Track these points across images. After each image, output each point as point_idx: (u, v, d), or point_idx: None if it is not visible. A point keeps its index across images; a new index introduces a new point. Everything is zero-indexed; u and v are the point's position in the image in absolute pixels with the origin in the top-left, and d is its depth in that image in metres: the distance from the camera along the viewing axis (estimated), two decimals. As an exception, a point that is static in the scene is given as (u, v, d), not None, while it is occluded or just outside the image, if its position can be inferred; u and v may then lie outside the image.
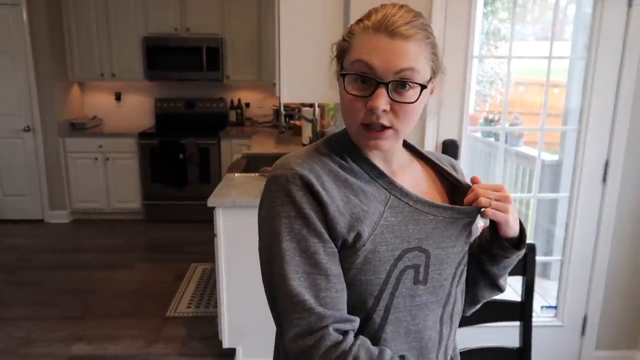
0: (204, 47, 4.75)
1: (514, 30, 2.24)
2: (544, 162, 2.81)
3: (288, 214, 0.80)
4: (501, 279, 1.00)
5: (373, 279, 0.83)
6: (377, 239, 0.83)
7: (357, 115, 0.82)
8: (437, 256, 0.88)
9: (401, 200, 0.88)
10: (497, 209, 0.87)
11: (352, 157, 0.89)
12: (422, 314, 0.88)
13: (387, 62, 0.78)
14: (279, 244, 0.80)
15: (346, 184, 0.85)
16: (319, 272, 0.79)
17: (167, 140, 4.67)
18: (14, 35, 4.43)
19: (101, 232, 4.57)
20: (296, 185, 0.81)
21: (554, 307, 2.42)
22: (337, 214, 0.81)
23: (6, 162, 4.67)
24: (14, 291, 3.37)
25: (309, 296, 0.78)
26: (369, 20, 0.81)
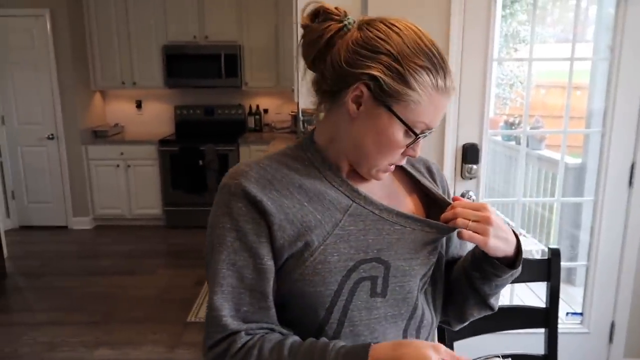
0: (223, 54, 4.80)
1: (534, 32, 2.21)
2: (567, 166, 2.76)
3: (224, 225, 0.80)
4: (492, 298, 0.94)
5: (323, 291, 0.79)
6: (328, 249, 0.80)
7: (393, 157, 0.83)
8: (399, 268, 0.84)
9: (365, 208, 0.84)
10: (475, 231, 0.81)
11: (313, 163, 0.86)
12: (382, 328, 0.84)
13: (437, 122, 0.82)
14: (212, 255, 0.80)
15: (300, 190, 0.82)
16: (244, 287, 0.78)
17: (186, 147, 4.72)
18: (38, 46, 4.54)
19: (123, 238, 4.64)
20: (236, 197, 0.79)
21: (579, 314, 2.36)
22: (284, 222, 0.79)
23: (31, 170, 4.78)
24: (39, 296, 3.44)
25: (228, 311, 0.77)
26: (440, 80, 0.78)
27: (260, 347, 0.76)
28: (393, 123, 0.79)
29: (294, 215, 0.80)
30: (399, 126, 0.79)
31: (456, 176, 2.12)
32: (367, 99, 0.79)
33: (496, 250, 0.84)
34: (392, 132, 0.80)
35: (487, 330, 1.41)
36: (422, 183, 0.95)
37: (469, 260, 0.92)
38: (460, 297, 0.96)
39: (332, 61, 0.81)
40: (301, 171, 0.84)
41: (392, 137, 0.80)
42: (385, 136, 0.80)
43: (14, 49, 4.54)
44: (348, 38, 0.80)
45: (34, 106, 4.66)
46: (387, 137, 0.80)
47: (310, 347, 0.75)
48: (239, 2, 4.78)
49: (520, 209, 2.31)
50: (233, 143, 4.77)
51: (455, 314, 0.99)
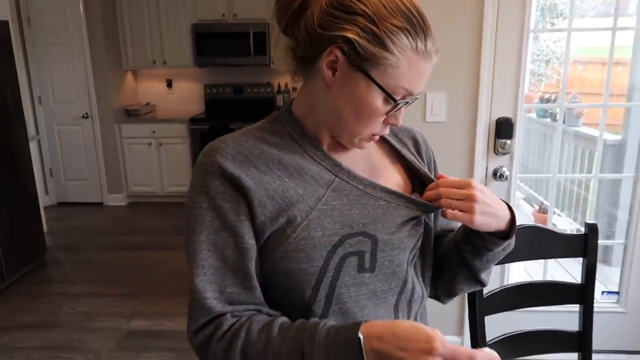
0: (251, 32, 4.78)
1: (574, 4, 2.12)
2: (606, 142, 2.67)
3: (201, 204, 0.76)
4: (483, 272, 0.91)
5: (307, 268, 0.77)
6: (311, 224, 0.77)
7: (374, 126, 0.79)
8: (387, 242, 0.81)
9: (348, 183, 0.82)
10: (459, 209, 0.79)
11: (292, 136, 0.83)
12: (372, 304, 0.82)
13: (421, 88, 0.78)
14: (191, 235, 0.77)
15: (280, 165, 0.79)
16: (226, 267, 0.76)
17: (216, 125, 4.76)
18: (71, 27, 4.62)
19: (156, 215, 4.75)
20: (212, 174, 0.76)
21: (616, 293, 2.31)
22: (265, 198, 0.76)
23: (67, 148, 4.92)
24: (78, 269, 3.57)
25: (212, 293, 0.75)
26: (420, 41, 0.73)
27: (247, 329, 0.74)
28: (371, 89, 0.74)
29: (274, 190, 0.77)
30: (377, 92, 0.75)
31: (489, 151, 2.08)
32: (343, 64, 0.74)
33: (485, 227, 0.81)
34: (371, 98, 0.75)
35: (520, 306, 1.39)
36: (406, 157, 0.92)
37: (460, 233, 0.90)
38: (450, 272, 0.93)
39: (306, 25, 0.75)
40: (280, 146, 0.81)
41: (370, 104, 0.75)
42: (363, 103, 0.76)
43: (49, 30, 4.63)
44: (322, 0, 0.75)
45: (69, 86, 4.77)
46: (365, 105, 0.76)
47: (299, 326, 0.73)
48: (268, -21, 4.74)
49: (555, 187, 2.25)
50: (262, 121, 4.78)
51: (444, 288, 0.97)
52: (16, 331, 2.76)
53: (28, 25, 4.61)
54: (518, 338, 1.39)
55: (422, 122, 2.04)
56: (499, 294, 1.36)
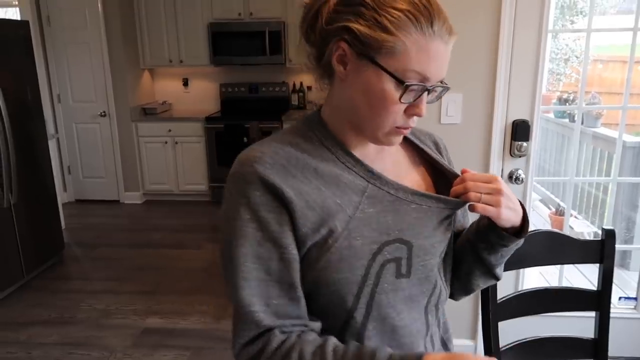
0: (267, 31, 4.79)
1: (594, 2, 2.08)
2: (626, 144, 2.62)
3: (242, 216, 0.75)
4: (498, 267, 0.93)
5: (350, 277, 0.77)
6: (352, 233, 0.77)
7: (394, 118, 0.76)
8: (421, 247, 0.83)
9: (381, 189, 0.81)
10: (487, 203, 0.80)
11: (324, 143, 0.82)
12: (407, 308, 0.83)
13: (439, 72, 0.75)
14: (233, 248, 0.76)
15: (316, 175, 0.78)
16: (272, 279, 0.75)
17: (231, 124, 4.79)
18: (90, 26, 4.68)
19: (171, 213, 4.79)
20: (253, 185, 0.75)
21: (634, 299, 2.27)
22: (305, 210, 0.75)
23: (85, 146, 4.99)
24: (94, 266, 3.62)
25: (259, 306, 0.74)
26: (424, 20, 0.71)
27: (300, 351, 0.73)
28: (380, 76, 0.73)
29: (314, 201, 0.76)
30: (387, 78, 0.73)
31: (505, 154, 2.06)
32: (350, 56, 0.75)
33: (507, 221, 0.83)
34: (381, 86, 0.73)
35: (534, 312, 1.37)
36: (430, 155, 0.93)
37: (473, 231, 0.92)
38: (465, 269, 0.95)
39: (318, 27, 0.77)
40: (313, 153, 0.80)
41: (382, 92, 0.74)
42: (375, 91, 0.74)
43: (68, 29, 4.70)
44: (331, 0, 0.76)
45: (87, 85, 4.84)
46: (377, 93, 0.74)
47: (356, 353, 0.73)
48: (283, -22, 4.74)
49: (572, 189, 2.22)
50: (277, 120, 4.80)
51: (460, 285, 0.98)
52: (34, 327, 2.81)
53: (48, 24, 4.68)
54: (532, 344, 1.37)
55: (437, 123, 2.03)
56: (513, 300, 1.35)
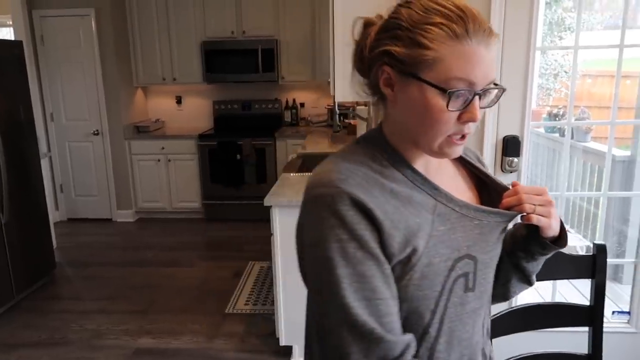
0: (260, 49, 4.83)
1: (580, 19, 2.12)
2: (615, 158, 2.65)
3: (339, 236, 0.74)
4: (534, 274, 0.99)
5: (429, 293, 0.80)
6: (430, 251, 0.79)
7: (446, 127, 0.77)
8: (483, 261, 0.87)
9: (447, 206, 0.83)
10: (540, 214, 0.85)
11: (392, 163, 0.83)
12: (471, 321, 0.87)
13: (485, 75, 0.75)
14: (332, 270, 0.74)
15: (393, 194, 0.79)
16: (379, 297, 0.75)
17: (224, 141, 4.80)
18: (84, 45, 4.71)
19: (164, 231, 4.77)
20: (345, 205, 0.75)
21: (627, 313, 2.27)
22: (392, 229, 0.76)
23: (78, 164, 4.97)
24: (86, 286, 3.58)
25: (375, 324, 0.74)
26: (458, 27, 0.73)
27: None
28: (424, 90, 0.75)
29: (398, 220, 0.77)
30: (430, 90, 0.75)
31: (496, 169, 2.07)
32: (395, 77, 0.78)
33: (554, 231, 0.88)
34: (427, 99, 0.75)
35: (528, 328, 1.37)
36: (479, 169, 0.96)
37: (509, 241, 0.95)
38: (504, 277, 0.98)
39: (364, 57, 0.82)
40: (384, 173, 0.81)
41: (428, 104, 0.75)
42: (422, 105, 0.76)
43: (61, 48, 4.72)
44: (373, 30, 0.81)
45: (80, 103, 4.84)
46: (424, 106, 0.76)
47: None
48: (276, -3, 4.81)
49: (564, 204, 2.23)
50: (270, 137, 4.81)
51: (498, 292, 1.01)
52: (24, 349, 2.77)
53: (42, 43, 4.70)
54: (526, 361, 1.37)
55: (429, 140, 2.04)
56: (506, 316, 1.35)
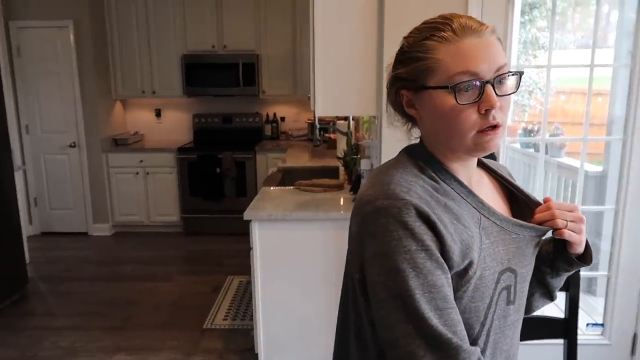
0: (240, 63, 4.85)
1: (553, 38, 2.19)
2: (588, 173, 2.72)
3: (409, 248, 0.75)
4: (557, 290, 1.02)
5: (480, 305, 0.82)
6: (482, 264, 0.81)
7: (469, 122, 0.78)
8: (522, 275, 0.88)
9: (489, 219, 0.85)
10: (572, 230, 0.88)
11: (440, 176, 0.84)
12: (512, 333, 0.89)
13: (488, 62, 0.77)
14: (404, 282, 0.74)
15: (447, 209, 0.80)
16: (450, 306, 0.76)
17: (204, 154, 4.78)
18: (61, 57, 4.65)
19: (141, 245, 4.69)
20: (412, 217, 0.75)
21: (600, 325, 2.32)
22: (452, 243, 0.77)
23: (53, 177, 4.88)
24: (60, 302, 3.50)
25: (450, 334, 0.74)
26: (444, 32, 0.78)
27: None
28: (435, 96, 0.80)
29: (455, 234, 0.78)
30: (440, 93, 0.79)
31: (473, 184, 2.11)
32: (412, 97, 0.84)
33: (582, 248, 0.91)
34: (441, 102, 0.79)
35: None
36: (513, 184, 0.98)
37: (536, 257, 0.95)
38: (528, 291, 0.98)
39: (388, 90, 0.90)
40: (436, 186, 0.83)
41: (443, 106, 0.79)
42: (439, 110, 0.80)
43: (38, 59, 4.66)
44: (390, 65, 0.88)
45: (57, 115, 4.77)
46: (441, 110, 0.79)
47: None
48: (257, 12, 4.84)
49: (539, 218, 2.28)
50: (250, 151, 4.81)
51: None
52: (-6, 367, 2.68)
53: (18, 54, 4.63)
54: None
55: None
56: (484, 329, 1.36)
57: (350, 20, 2.17)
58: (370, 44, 2.16)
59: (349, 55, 2.18)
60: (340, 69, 2.19)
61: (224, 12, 4.83)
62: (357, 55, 2.18)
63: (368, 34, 2.17)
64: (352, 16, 2.17)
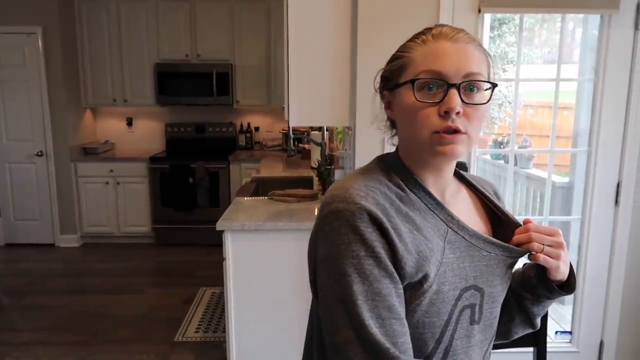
0: (214, 73, 4.82)
1: (521, 53, 2.25)
2: (555, 184, 2.79)
3: (357, 253, 0.74)
4: (538, 317, 0.98)
5: (436, 321, 0.79)
6: (440, 278, 0.79)
7: (427, 121, 0.78)
8: (490, 294, 0.86)
9: (457, 234, 0.83)
10: (548, 255, 0.84)
11: (408, 185, 0.83)
12: (475, 354, 0.86)
13: (456, 65, 0.77)
14: (348, 286, 0.73)
15: (408, 218, 0.79)
16: (394, 317, 0.74)
17: (177, 164, 4.71)
18: (29, 63, 4.54)
19: (111, 256, 4.58)
20: (364, 222, 0.74)
21: (569, 333, 2.37)
22: (405, 253, 0.76)
23: (19, 187, 4.73)
24: (24, 316, 3.37)
25: (389, 344, 0.72)
26: (424, 35, 0.82)
27: None
28: (402, 92, 0.82)
29: (411, 244, 0.77)
30: (407, 89, 0.80)
31: (445, 194, 2.14)
32: (389, 96, 0.86)
33: (562, 275, 0.87)
34: (405, 98, 0.81)
35: (476, 349, 1.40)
36: (494, 203, 0.95)
37: (518, 281, 0.94)
38: (507, 316, 0.96)
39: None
40: (401, 195, 0.82)
41: (406, 103, 0.80)
42: (404, 107, 0.81)
43: (4, 66, 4.53)
44: None
45: (24, 123, 4.63)
46: (404, 106, 0.81)
47: None
48: (231, 21, 4.83)
49: (509, 228, 2.32)
50: (224, 161, 4.77)
51: (499, 331, 0.98)
52: (-48, 385, 2.56)
53: (-17, 61, 4.50)
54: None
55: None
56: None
57: (325, 32, 2.19)
58: (344, 56, 2.18)
59: (323, 66, 2.19)
60: (314, 79, 2.20)
61: (198, 21, 4.81)
62: (331, 66, 2.20)
63: (342, 46, 2.19)
64: (326, 27, 2.19)
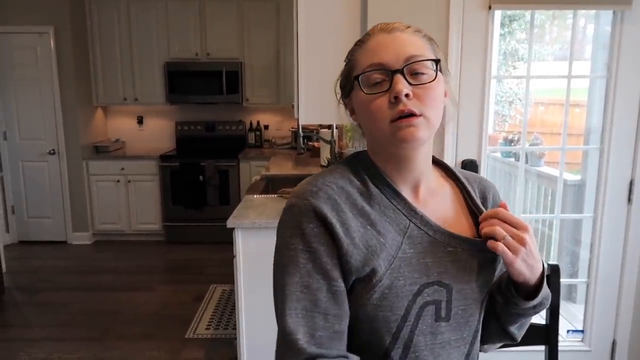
0: (224, 71, 4.84)
1: (532, 50, 2.24)
2: (567, 182, 2.76)
3: (295, 246, 0.78)
4: (511, 326, 0.93)
5: (390, 316, 0.79)
6: (394, 273, 0.79)
7: (381, 112, 0.79)
8: (461, 291, 0.84)
9: (420, 229, 0.83)
10: (507, 246, 0.80)
11: (373, 180, 0.85)
12: (445, 353, 0.84)
13: (395, 53, 0.80)
14: (283, 276, 0.79)
15: (362, 213, 0.81)
16: (318, 311, 0.77)
17: (187, 162, 4.74)
18: (41, 63, 4.59)
19: (122, 254, 4.62)
20: (308, 217, 0.78)
21: (580, 331, 2.35)
22: (351, 247, 0.78)
23: (32, 185, 4.79)
24: (37, 312, 3.42)
25: (303, 335, 0.75)
26: (364, 37, 0.86)
27: None
28: (355, 93, 0.85)
29: (360, 239, 0.79)
30: (356, 90, 0.84)
31: (455, 192, 2.13)
32: (349, 103, 0.89)
33: (519, 275, 0.82)
34: (357, 98, 0.84)
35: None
36: (475, 202, 0.92)
37: (495, 282, 0.91)
38: (484, 321, 0.94)
39: None
40: (362, 190, 0.84)
41: (359, 101, 0.83)
42: (359, 106, 0.84)
43: (17, 65, 4.59)
44: None
45: (36, 122, 4.69)
46: (359, 105, 0.84)
47: None
48: (241, 20, 4.85)
49: (520, 226, 2.31)
50: (233, 159, 4.79)
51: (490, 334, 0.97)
52: (-33, 380, 2.61)
53: (-4, 60, 4.56)
54: (486, 380, 1.39)
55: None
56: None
57: (334, 29, 2.19)
58: (353, 53, 2.18)
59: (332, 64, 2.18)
60: (324, 77, 2.19)
61: (208, 19, 4.83)
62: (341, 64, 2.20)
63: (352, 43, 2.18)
64: (336, 25, 2.19)
